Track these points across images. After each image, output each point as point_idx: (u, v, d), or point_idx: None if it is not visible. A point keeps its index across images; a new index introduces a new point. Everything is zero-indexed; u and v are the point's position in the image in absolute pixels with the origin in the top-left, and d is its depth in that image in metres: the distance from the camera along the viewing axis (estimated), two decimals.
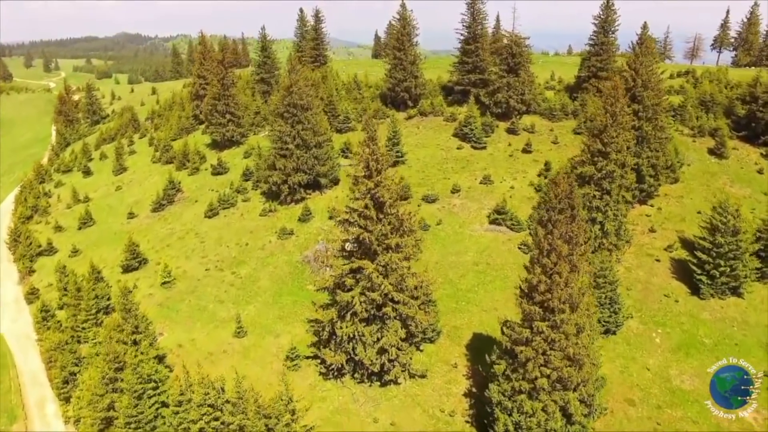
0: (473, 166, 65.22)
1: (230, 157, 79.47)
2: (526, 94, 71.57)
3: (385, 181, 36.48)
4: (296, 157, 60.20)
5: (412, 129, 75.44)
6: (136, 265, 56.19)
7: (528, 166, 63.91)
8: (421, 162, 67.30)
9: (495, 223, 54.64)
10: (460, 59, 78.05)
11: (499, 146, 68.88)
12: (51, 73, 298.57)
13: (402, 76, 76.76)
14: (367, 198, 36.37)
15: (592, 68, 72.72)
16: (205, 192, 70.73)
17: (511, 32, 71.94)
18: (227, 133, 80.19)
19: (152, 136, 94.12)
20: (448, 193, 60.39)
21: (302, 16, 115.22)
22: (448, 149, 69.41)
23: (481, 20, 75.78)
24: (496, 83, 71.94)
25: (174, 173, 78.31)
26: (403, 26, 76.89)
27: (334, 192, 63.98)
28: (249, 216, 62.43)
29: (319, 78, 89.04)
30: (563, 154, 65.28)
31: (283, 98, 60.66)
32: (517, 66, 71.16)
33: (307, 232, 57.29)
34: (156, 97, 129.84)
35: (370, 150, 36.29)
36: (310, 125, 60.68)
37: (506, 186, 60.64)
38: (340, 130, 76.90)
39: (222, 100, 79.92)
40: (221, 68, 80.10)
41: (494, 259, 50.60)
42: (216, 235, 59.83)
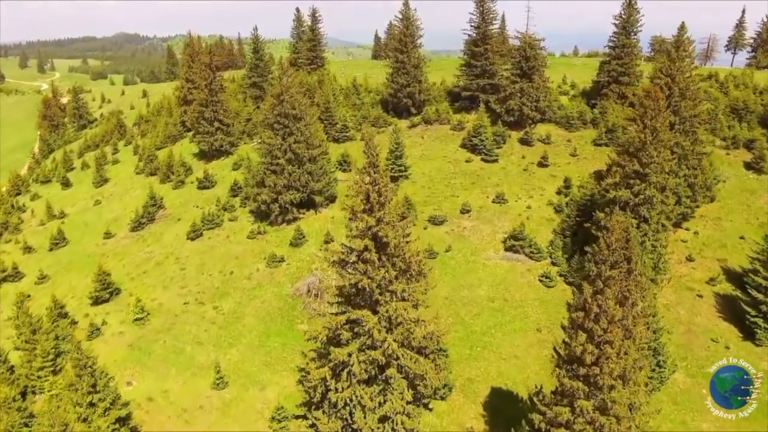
0: (484, 181, 58.46)
1: (218, 168, 72.66)
2: (540, 101, 64.79)
3: (388, 216, 29.75)
4: (288, 174, 53.44)
5: (416, 139, 68.66)
6: (107, 297, 49.45)
7: (545, 182, 57.16)
8: (427, 176, 60.54)
9: (511, 250, 47.92)
10: (467, 62, 71.25)
11: (512, 159, 62.13)
12: (45, 74, 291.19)
13: (405, 81, 69.96)
14: (368, 238, 29.65)
15: (612, 73, 65.93)
16: (189, 209, 63.95)
17: (524, 33, 65.15)
18: (215, 142, 73.39)
19: (137, 144, 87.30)
20: (458, 214, 53.66)
21: (298, 16, 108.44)
22: (456, 162, 62.63)
23: (490, 20, 68.96)
24: (507, 89, 65.15)
25: (157, 187, 71.56)
26: (405, 26, 70.06)
27: (330, 211, 57.24)
28: (235, 238, 55.67)
29: (315, 82, 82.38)
30: (583, 168, 58.62)
31: (272, 107, 53.89)
32: (531, 70, 64.38)
33: (300, 258, 50.54)
34: (146, 100, 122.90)
35: (371, 179, 29.55)
36: (304, 137, 53.92)
37: (522, 205, 53.90)
38: (337, 139, 70.14)
39: (210, 107, 73.10)
40: (209, 72, 73.25)
41: (512, 293, 43.90)
42: (198, 261, 53.08)
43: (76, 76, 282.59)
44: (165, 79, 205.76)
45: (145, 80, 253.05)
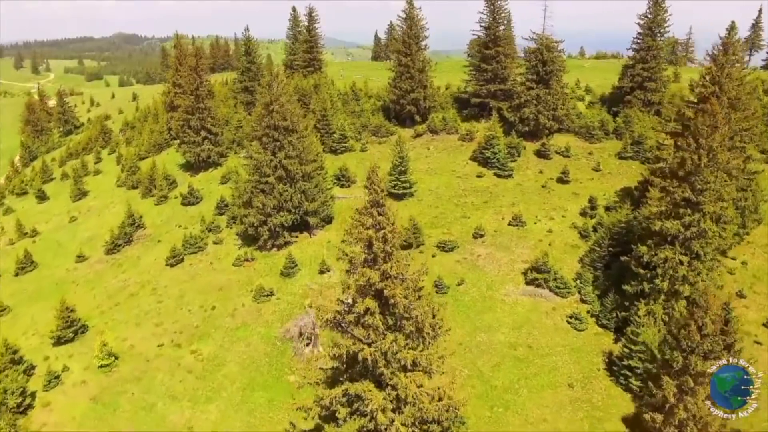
0: (498, 200, 51.89)
1: (205, 181, 66.06)
2: (558, 109, 58.21)
3: (396, 268, 23.19)
4: (278, 193, 46.87)
5: (421, 150, 62.07)
6: (71, 336, 42.85)
7: (567, 201, 50.62)
8: (434, 194, 53.96)
9: (533, 283, 41.39)
10: (477, 66, 64.66)
11: (528, 174, 55.56)
12: (39, 74, 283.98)
13: (409, 87, 63.33)
14: (370, 297, 23.13)
15: (636, 78, 59.32)
16: (171, 228, 57.35)
17: (540, 34, 58.51)
18: (202, 153, 66.75)
19: (119, 153, 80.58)
20: (470, 238, 47.12)
21: (294, 15, 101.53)
22: (466, 177, 56.05)
23: (502, 20, 62.37)
24: (522, 96, 58.54)
25: (138, 202, 64.98)
26: (409, 27, 63.40)
27: (326, 234, 50.66)
28: (220, 265, 49.08)
29: (311, 87, 75.72)
30: (608, 185, 52.17)
31: (261, 118, 47.29)
32: (549, 75, 57.78)
33: (291, 291, 43.98)
34: (136, 104, 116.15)
35: (374, 221, 23.03)
36: (296, 152, 47.33)
37: (542, 229, 47.35)
38: (335, 150, 63.54)
39: (196, 114, 66.44)
40: (195, 76, 66.61)
41: (537, 338, 37.35)
42: (177, 292, 46.50)
43: (71, 77, 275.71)
44: (159, 80, 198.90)
45: (141, 81, 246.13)
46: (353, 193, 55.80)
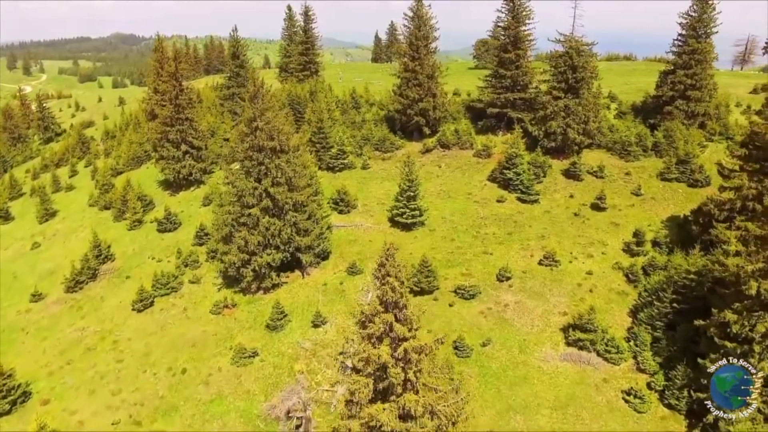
0: (525, 231, 43.57)
1: (185, 202, 57.62)
2: (590, 122, 49.87)
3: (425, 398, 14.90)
4: (264, 228, 38.50)
5: (432, 168, 53.66)
6: (7, 408, 34.49)
7: (606, 234, 42.34)
8: (448, 222, 45.62)
9: (576, 345, 33.12)
10: (494, 71, 56.30)
11: (557, 198, 47.25)
12: (31, 76, 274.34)
13: (417, 95, 54.90)
14: None
15: (678, 85, 51.00)
16: (143, 260, 48.95)
17: (569, 36, 50.15)
18: (182, 170, 58.26)
19: (95, 166, 72.00)
20: (494, 281, 38.83)
21: (290, 15, 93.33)
22: (485, 202, 47.70)
23: (524, 19, 53.95)
24: (548, 106, 50.17)
25: (108, 226, 56.62)
26: (417, 27, 54.91)
27: (321, 273, 42.34)
28: (195, 312, 40.74)
29: (307, 93, 67.35)
30: (653, 213, 43.93)
31: (243, 137, 38.87)
32: (579, 83, 49.45)
33: (278, 351, 35.65)
34: (121, 109, 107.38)
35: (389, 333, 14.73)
36: (285, 177, 38.95)
37: (580, 269, 39.09)
38: (332, 167, 55.16)
39: (175, 126, 57.94)
40: (174, 83, 58.08)
41: (587, 423, 29.11)
42: (142, 348, 38.14)
43: (64, 79, 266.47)
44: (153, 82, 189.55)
45: (135, 83, 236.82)
46: (354, 220, 47.45)
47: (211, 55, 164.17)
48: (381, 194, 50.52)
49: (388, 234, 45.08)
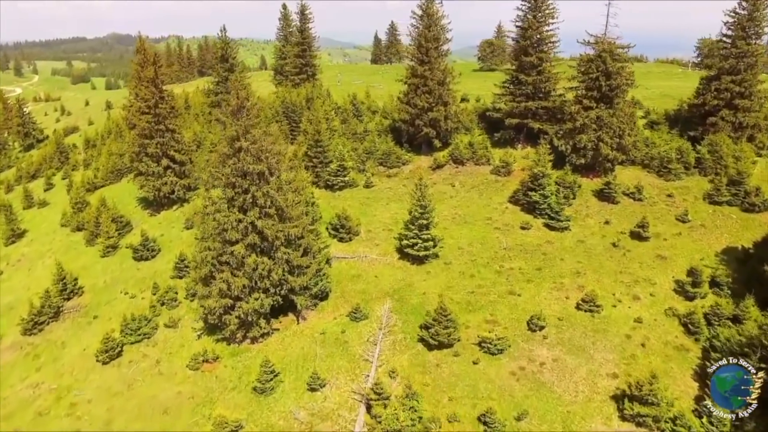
0: (556, 266, 36.91)
1: (166, 224, 50.80)
2: (626, 137, 43.25)
3: None
4: (250, 268, 31.74)
5: (445, 187, 46.94)
6: None
7: (652, 269, 35.73)
8: (466, 255, 38.91)
9: (634, 420, 26.52)
10: (512, 77, 49.62)
11: (590, 225, 40.60)
12: (23, 77, 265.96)
13: (426, 104, 48.17)
14: None
15: (723, 93, 44.41)
16: (115, 295, 42.17)
17: (601, 36, 43.50)
18: (164, 187, 51.41)
19: (70, 180, 64.99)
20: (524, 331, 32.21)
21: (285, 14, 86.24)
22: (508, 229, 41.02)
23: (547, 18, 47.28)
24: (577, 118, 43.49)
25: (81, 250, 49.87)
26: (427, 27, 48.12)
27: (319, 316, 35.59)
28: (170, 365, 33.97)
29: (303, 100, 60.55)
30: (704, 244, 37.37)
31: (224, 158, 32.06)
32: (614, 91, 42.82)
33: (268, 423, 28.87)
34: (108, 113, 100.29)
35: None
36: (275, 206, 32.18)
37: (626, 315, 32.48)
38: (331, 185, 48.44)
39: (155, 138, 51.09)
40: (153, 90, 51.16)
41: None
42: (103, 415, 31.36)
43: (57, 80, 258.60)
44: None
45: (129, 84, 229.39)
46: (356, 250, 40.70)
47: (205, 56, 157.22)
48: (387, 218, 43.81)
49: (396, 268, 38.38)
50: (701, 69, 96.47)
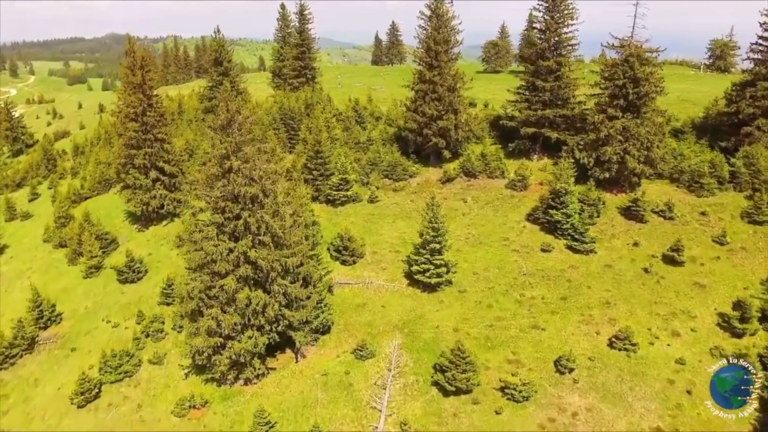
0: (583, 294, 33.05)
1: (154, 242, 46.87)
2: (653, 149, 39.37)
3: None
4: (243, 304, 27.84)
5: (456, 203, 43.02)
6: None
7: (691, 300, 31.87)
8: (482, 280, 35.04)
9: None
10: (528, 82, 45.70)
11: (618, 246, 36.69)
12: (19, 77, 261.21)
13: (435, 111, 44.25)
14: None
15: (761, 101, 40.54)
16: (96, 324, 38.27)
17: (628, 40, 39.60)
18: (152, 201, 47.49)
19: (56, 190, 61.00)
20: (551, 372, 28.36)
21: (283, 14, 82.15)
22: (527, 251, 37.12)
23: (566, 20, 43.38)
24: (601, 128, 39.57)
25: (63, 269, 45.99)
26: (436, 28, 44.18)
27: (320, 354, 31.69)
28: (153, 411, 30.06)
29: (302, 106, 56.62)
30: (747, 269, 33.50)
31: (212, 179, 28.11)
32: (642, 99, 38.95)
33: None
34: (100, 117, 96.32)
35: None
36: (270, 233, 28.26)
37: (666, 355, 28.63)
38: (332, 200, 44.53)
39: (143, 149, 47.16)
40: (141, 96, 47.21)
41: None
42: None
43: (53, 81, 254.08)
44: None
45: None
46: (361, 274, 36.78)
47: (202, 57, 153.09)
48: (394, 237, 39.90)
49: (406, 296, 34.50)
50: (713, 71, 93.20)
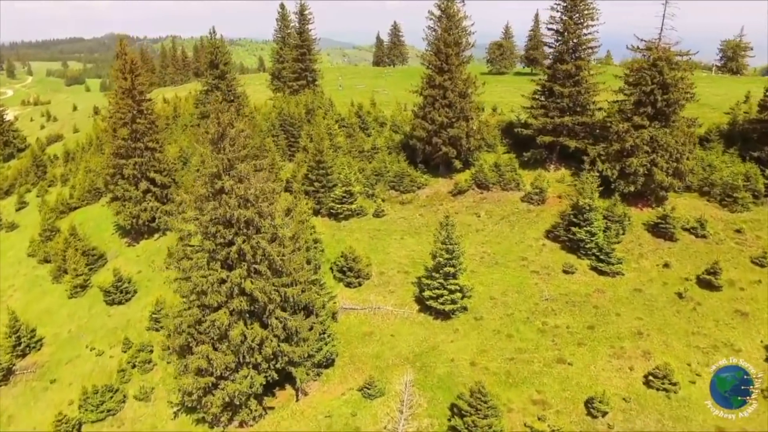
0: (612, 323, 29.83)
1: (145, 258, 43.62)
2: (683, 160, 36.16)
3: None
4: (239, 341, 24.59)
5: (469, 218, 39.76)
6: None
7: (732, 330, 28.66)
8: (500, 306, 31.82)
9: None
10: (544, 87, 42.45)
11: (646, 267, 33.47)
12: (16, 78, 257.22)
13: (446, 119, 40.98)
14: None
15: None
16: (79, 351, 35.04)
17: (655, 42, 36.37)
18: (143, 214, 44.24)
19: (43, 199, 57.62)
20: (581, 415, 25.15)
21: (283, 14, 78.95)
22: (547, 272, 33.90)
23: (586, 20, 40.13)
24: (626, 138, 36.34)
25: (47, 288, 42.74)
26: (447, 29, 40.87)
27: (324, 390, 28.46)
28: None
29: (303, 111, 53.37)
30: None
31: (202, 200, 24.86)
32: (671, 107, 35.74)
33: None
34: (93, 120, 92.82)
35: None
36: (268, 260, 25.01)
37: (708, 396, 25.48)
38: (335, 214, 41.25)
39: (132, 158, 43.90)
40: (130, 103, 43.94)
41: None
42: None
43: (51, 81, 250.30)
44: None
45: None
46: (367, 298, 33.55)
47: (200, 58, 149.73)
48: (402, 256, 36.66)
49: (416, 324, 31.30)
50: (725, 73, 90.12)
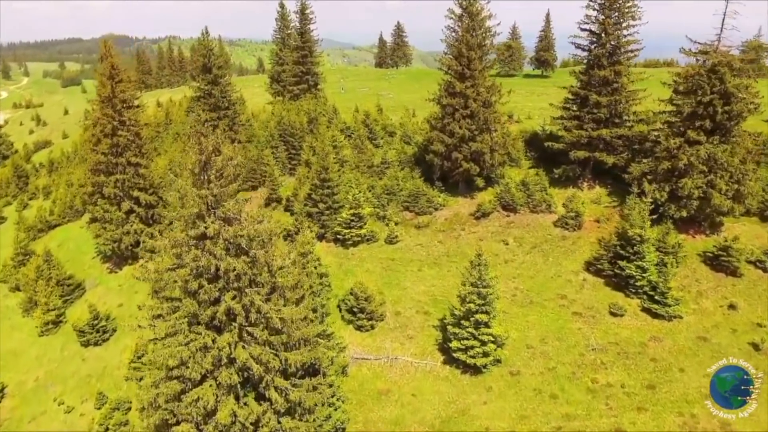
0: (676, 381, 24.70)
1: (127, 287, 38.32)
2: (746, 182, 31.04)
3: None
4: (228, 421, 19.38)
5: (495, 245, 34.51)
6: None
7: None
8: (539, 357, 26.65)
9: None
10: (576, 95, 37.27)
11: (708, 308, 28.34)
12: (11, 79, 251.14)
13: (467, 131, 35.76)
14: None
15: None
16: (46, 406, 29.86)
17: (713, 45, 31.23)
18: (125, 237, 38.98)
19: (21, 216, 52.29)
20: None
21: (283, 13, 73.93)
22: (592, 314, 28.75)
23: (627, 19, 34.97)
24: (679, 155, 31.20)
25: (17, 322, 37.49)
26: (469, 30, 35.64)
27: None
28: None
29: (304, 120, 48.16)
30: None
31: (180, 246, 19.63)
32: (733, 120, 30.63)
33: None
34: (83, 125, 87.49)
35: None
36: (265, 318, 19.81)
37: None
38: (342, 239, 35.99)
39: (114, 175, 38.65)
40: (110, 113, 38.67)
41: None
42: None
43: (47, 82, 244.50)
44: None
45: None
46: (382, 345, 28.34)
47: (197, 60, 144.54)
48: (421, 293, 31.48)
49: (441, 379, 26.13)
50: None
